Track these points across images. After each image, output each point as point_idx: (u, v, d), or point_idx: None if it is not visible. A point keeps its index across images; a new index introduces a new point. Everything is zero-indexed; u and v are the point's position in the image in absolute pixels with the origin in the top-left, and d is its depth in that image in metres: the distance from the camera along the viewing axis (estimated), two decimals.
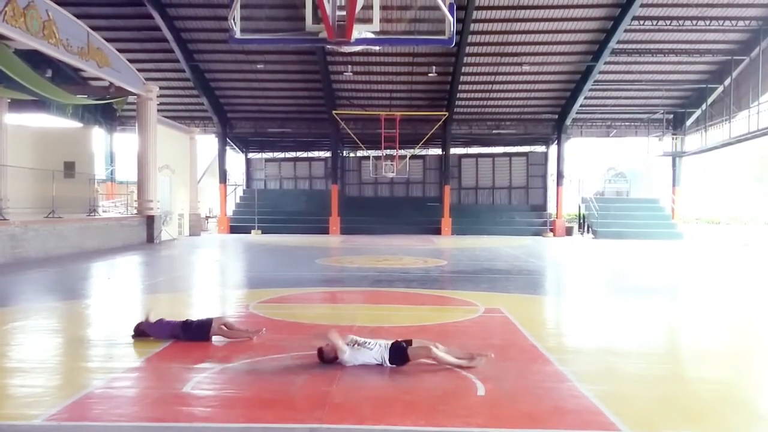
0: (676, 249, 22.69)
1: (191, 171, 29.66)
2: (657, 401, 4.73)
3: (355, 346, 5.53)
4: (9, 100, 20.67)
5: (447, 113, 29.57)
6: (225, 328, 6.53)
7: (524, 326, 7.44)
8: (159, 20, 24.64)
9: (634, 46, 26.81)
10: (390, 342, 5.60)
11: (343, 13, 5.84)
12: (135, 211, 23.26)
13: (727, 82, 27.22)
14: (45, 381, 5.21)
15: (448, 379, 5.19)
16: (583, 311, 9.25)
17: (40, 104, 22.81)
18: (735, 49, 26.57)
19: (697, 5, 23.97)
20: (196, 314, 8.73)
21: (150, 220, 22.53)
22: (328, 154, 35.68)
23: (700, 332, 7.75)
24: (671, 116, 32.12)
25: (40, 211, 19.00)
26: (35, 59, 18.23)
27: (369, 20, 6.20)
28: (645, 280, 13.28)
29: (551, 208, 34.41)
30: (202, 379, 5.16)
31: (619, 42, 25.78)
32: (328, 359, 5.49)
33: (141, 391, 4.95)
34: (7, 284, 11.41)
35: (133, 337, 6.48)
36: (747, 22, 24.76)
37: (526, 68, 28.05)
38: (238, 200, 37.77)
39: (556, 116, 31.94)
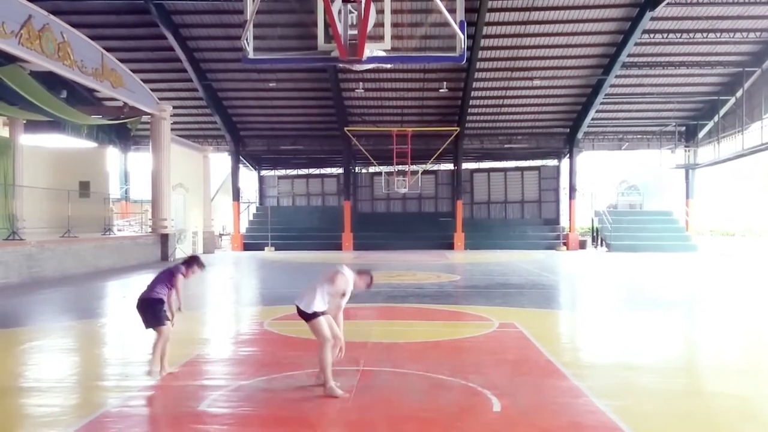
0: (691, 261, 22.45)
1: (205, 189, 29.90)
2: (676, 417, 4.68)
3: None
4: (25, 122, 20.97)
5: (458, 128, 29.60)
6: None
7: (539, 341, 7.39)
8: (172, 40, 24.97)
9: (644, 59, 26.76)
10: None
11: (355, 32, 5.87)
12: (149, 230, 23.41)
13: (739, 93, 27.04)
14: (62, 400, 5.25)
15: (464, 396, 5.16)
16: (598, 325, 9.17)
17: (56, 125, 23.11)
18: (746, 61, 26.44)
19: (707, 18, 23.90)
20: (210, 332, 8.81)
21: (164, 239, 22.68)
22: (340, 170, 35.81)
23: (717, 346, 7.66)
24: (683, 128, 31.94)
25: (55, 230, 19.19)
26: (50, 81, 18.48)
27: (380, 38, 6.21)
28: (660, 293, 13.13)
29: (564, 221, 34.23)
30: (218, 397, 5.17)
31: (629, 55, 25.76)
32: None
33: (157, 410, 4.98)
34: (24, 304, 11.53)
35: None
36: (758, 33, 24.63)
37: (536, 83, 28.08)
38: (251, 217, 37.93)
39: (568, 130, 31.86)
